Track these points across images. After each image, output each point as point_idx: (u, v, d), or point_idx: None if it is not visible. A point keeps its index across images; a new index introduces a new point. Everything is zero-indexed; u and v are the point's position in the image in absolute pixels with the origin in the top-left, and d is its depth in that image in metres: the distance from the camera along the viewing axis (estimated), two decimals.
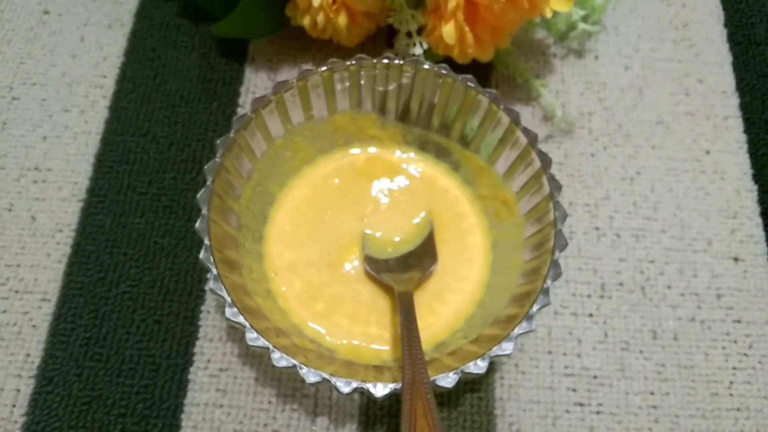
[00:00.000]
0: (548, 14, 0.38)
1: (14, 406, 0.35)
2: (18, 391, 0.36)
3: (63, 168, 0.42)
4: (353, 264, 0.37)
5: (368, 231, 0.38)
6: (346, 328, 0.35)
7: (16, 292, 0.38)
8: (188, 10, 0.47)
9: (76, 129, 0.43)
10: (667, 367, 0.37)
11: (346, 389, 0.28)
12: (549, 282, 0.31)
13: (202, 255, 0.31)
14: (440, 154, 0.39)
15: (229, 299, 0.30)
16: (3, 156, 0.42)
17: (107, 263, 0.39)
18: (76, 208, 0.40)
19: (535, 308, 0.30)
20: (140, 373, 0.36)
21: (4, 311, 0.38)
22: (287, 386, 0.36)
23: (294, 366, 0.29)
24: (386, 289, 0.36)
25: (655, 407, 0.36)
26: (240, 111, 0.44)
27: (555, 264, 0.31)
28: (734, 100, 0.45)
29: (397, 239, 0.38)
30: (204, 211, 0.32)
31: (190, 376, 0.36)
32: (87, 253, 0.39)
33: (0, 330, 0.37)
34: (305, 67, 0.45)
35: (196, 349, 0.37)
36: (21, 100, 0.44)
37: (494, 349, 0.29)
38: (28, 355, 0.37)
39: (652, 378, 0.37)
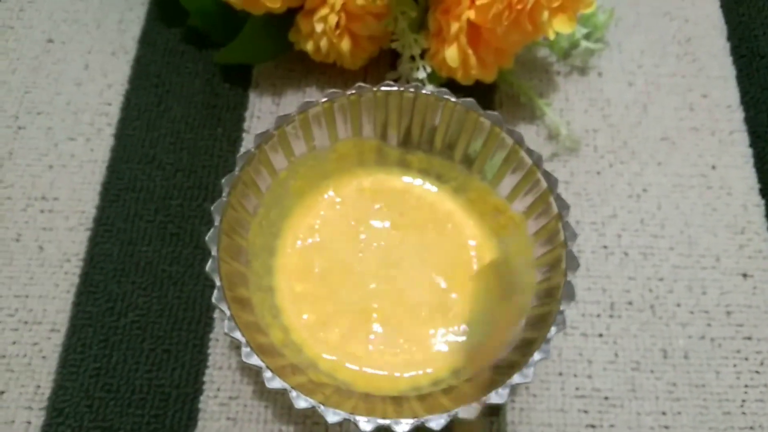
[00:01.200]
0: (551, 36, 0.38)
1: None
2: (29, 423, 0.36)
3: (70, 197, 0.42)
4: (364, 290, 0.37)
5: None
6: (361, 357, 0.35)
7: (26, 323, 0.38)
8: (191, 36, 0.47)
9: (82, 157, 0.43)
10: (678, 387, 0.37)
11: (367, 428, 0.28)
12: (564, 304, 0.31)
13: (214, 297, 0.30)
14: (443, 177, 0.39)
15: (243, 340, 0.29)
16: (10, 186, 0.42)
17: (115, 292, 0.39)
18: (83, 237, 0.40)
19: (553, 330, 0.30)
20: (150, 402, 0.36)
21: (14, 342, 0.38)
22: (298, 413, 0.36)
23: (313, 407, 0.28)
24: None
25: (667, 427, 0.36)
26: (245, 136, 0.44)
27: (568, 285, 0.31)
28: (739, 114, 0.45)
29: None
30: (214, 252, 0.31)
31: (200, 405, 0.36)
32: (95, 282, 0.39)
33: (10, 362, 0.37)
34: (309, 90, 0.45)
35: (206, 378, 0.37)
36: (27, 130, 0.44)
37: (515, 377, 0.29)
38: (39, 386, 0.37)
39: (664, 398, 0.37)
